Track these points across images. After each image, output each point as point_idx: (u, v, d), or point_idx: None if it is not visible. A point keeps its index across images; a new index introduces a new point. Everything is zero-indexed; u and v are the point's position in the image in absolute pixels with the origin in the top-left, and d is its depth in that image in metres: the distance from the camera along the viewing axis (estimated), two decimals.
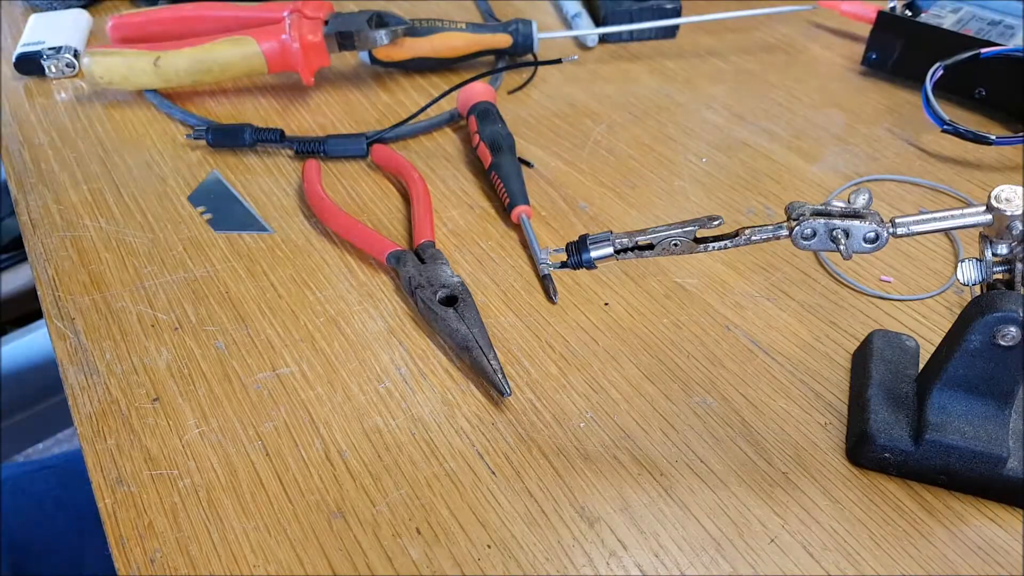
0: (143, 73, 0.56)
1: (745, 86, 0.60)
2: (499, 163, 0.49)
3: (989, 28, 0.56)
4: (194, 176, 0.53)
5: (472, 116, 0.53)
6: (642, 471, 0.36)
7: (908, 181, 0.51)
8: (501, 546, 0.33)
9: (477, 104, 0.53)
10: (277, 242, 0.47)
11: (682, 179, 0.52)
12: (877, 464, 0.35)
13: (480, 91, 0.54)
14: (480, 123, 0.52)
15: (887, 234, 0.32)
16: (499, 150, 0.50)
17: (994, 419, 0.33)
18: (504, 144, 0.50)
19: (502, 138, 0.50)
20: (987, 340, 0.31)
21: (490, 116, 0.52)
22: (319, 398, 0.39)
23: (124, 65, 0.56)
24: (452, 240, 0.47)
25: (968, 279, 0.32)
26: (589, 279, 0.45)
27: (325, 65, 0.57)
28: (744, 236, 0.33)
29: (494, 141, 0.50)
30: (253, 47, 0.55)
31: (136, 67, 0.56)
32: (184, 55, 0.55)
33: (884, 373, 0.37)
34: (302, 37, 0.55)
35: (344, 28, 0.55)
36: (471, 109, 0.53)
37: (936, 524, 0.34)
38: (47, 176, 0.53)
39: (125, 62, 0.56)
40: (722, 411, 0.38)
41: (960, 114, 0.56)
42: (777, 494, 0.35)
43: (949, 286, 0.44)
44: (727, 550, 0.33)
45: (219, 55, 0.55)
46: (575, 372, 0.40)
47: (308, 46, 0.55)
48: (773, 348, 0.41)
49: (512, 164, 0.49)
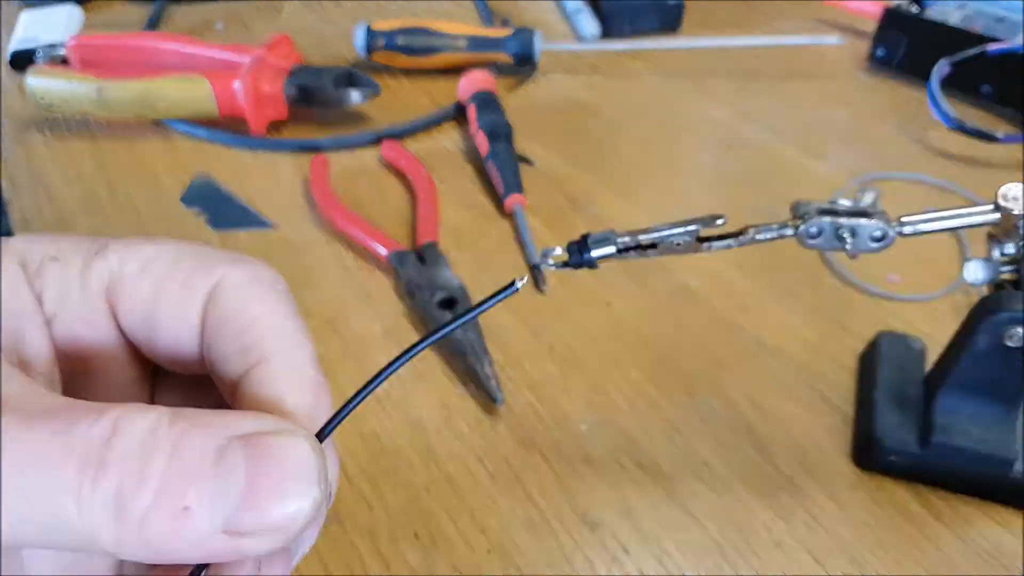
0: (85, 100, 0.52)
1: (750, 83, 0.59)
2: (496, 151, 0.49)
3: (996, 24, 0.55)
4: (187, 174, 0.52)
5: (473, 104, 0.53)
6: (645, 475, 0.35)
7: (914, 179, 0.50)
8: (501, 551, 0.32)
9: (478, 93, 0.53)
10: (273, 241, 0.47)
11: (685, 177, 0.51)
12: (884, 467, 0.35)
13: (481, 80, 0.54)
14: (480, 111, 0.52)
15: (894, 233, 0.31)
16: (496, 139, 0.50)
17: (1002, 421, 0.33)
18: (501, 133, 0.50)
19: (500, 127, 0.51)
20: (994, 341, 0.30)
21: (490, 105, 0.52)
22: None
23: (66, 89, 0.53)
24: (450, 239, 0.47)
25: (975, 279, 0.32)
26: (591, 279, 0.44)
27: (281, 118, 0.54)
28: (749, 235, 0.32)
29: (492, 130, 0.50)
30: (205, 88, 0.52)
31: (78, 93, 0.52)
32: (129, 87, 0.52)
33: (891, 375, 0.36)
34: (256, 85, 0.52)
35: (307, 83, 0.52)
36: (472, 97, 0.53)
37: (943, 528, 0.33)
38: (40, 174, 0.52)
39: (68, 87, 0.53)
40: (726, 413, 0.37)
41: (967, 111, 0.55)
42: (782, 498, 0.34)
43: (956, 286, 0.43)
44: (731, 555, 0.32)
45: (167, 92, 0.52)
46: (576, 374, 0.39)
47: (260, 97, 0.52)
48: (778, 349, 0.40)
49: (508, 153, 0.49)
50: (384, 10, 0.69)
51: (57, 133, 0.56)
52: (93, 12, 0.69)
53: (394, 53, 0.59)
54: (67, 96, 0.53)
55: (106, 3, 0.71)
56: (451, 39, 0.58)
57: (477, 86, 0.54)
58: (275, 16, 0.69)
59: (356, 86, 0.53)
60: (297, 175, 0.52)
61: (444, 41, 0.58)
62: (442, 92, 0.58)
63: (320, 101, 0.53)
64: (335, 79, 0.53)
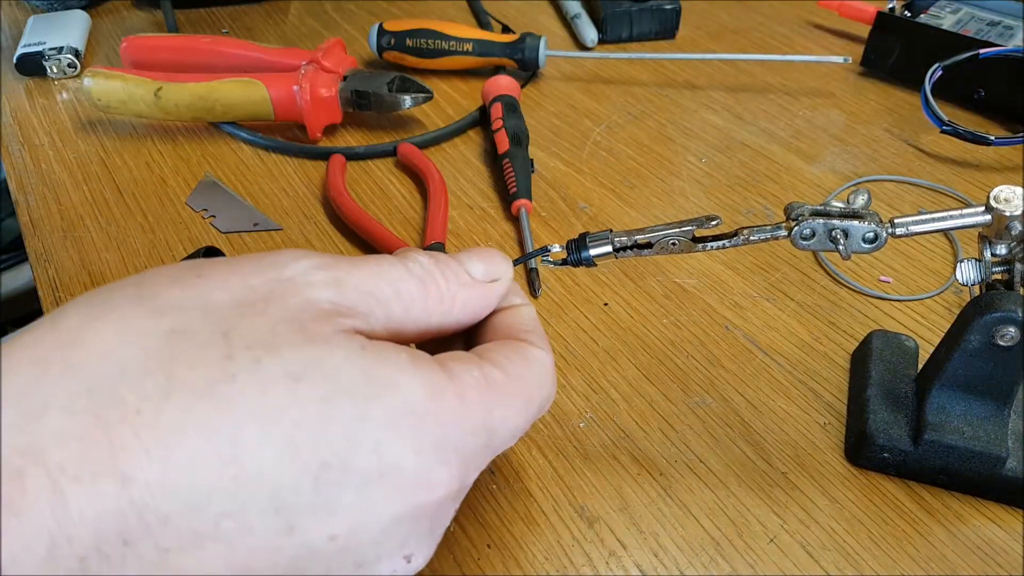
0: (142, 102, 0.53)
1: (744, 86, 0.60)
2: (515, 154, 0.50)
3: (988, 29, 0.56)
4: (194, 176, 0.53)
5: (498, 103, 0.54)
6: (641, 471, 0.36)
7: (907, 181, 0.51)
8: (500, 546, 0.33)
9: (503, 95, 0.55)
10: (278, 243, 0.48)
11: (681, 179, 0.52)
12: (876, 464, 0.35)
13: (506, 84, 0.56)
14: (506, 112, 0.53)
15: (886, 234, 0.32)
16: (518, 142, 0.51)
17: (993, 419, 0.33)
18: (523, 138, 0.52)
19: (523, 133, 0.52)
20: (986, 340, 0.31)
21: (515, 110, 0.54)
22: None
23: (124, 91, 0.53)
24: (452, 240, 0.47)
25: (967, 279, 0.32)
26: (588, 279, 0.45)
27: (336, 122, 0.55)
28: (743, 236, 0.33)
29: (516, 133, 0.52)
30: (261, 92, 0.52)
31: (136, 95, 0.53)
32: (187, 89, 0.52)
33: (883, 373, 0.37)
34: (314, 90, 0.52)
35: (361, 87, 0.53)
36: (497, 98, 0.54)
37: (935, 524, 0.34)
38: (47, 176, 0.53)
39: (125, 88, 0.53)
40: (721, 411, 0.38)
41: (959, 115, 0.56)
42: (776, 494, 0.35)
43: (948, 287, 0.44)
44: (726, 550, 0.33)
45: (224, 95, 0.53)
46: (574, 372, 0.40)
47: (318, 100, 0.53)
48: (772, 348, 0.41)
49: (525, 159, 0.50)
50: (387, 13, 0.70)
51: (64, 135, 0.57)
52: (99, 17, 0.70)
53: (403, 54, 0.60)
54: (124, 98, 0.53)
55: (112, 9, 0.72)
56: (458, 42, 0.59)
57: (502, 90, 0.55)
58: (280, 20, 0.69)
59: (408, 91, 0.54)
60: (303, 176, 0.52)
61: (451, 44, 0.59)
62: (444, 94, 0.59)
63: (374, 105, 0.54)
64: (389, 84, 0.54)
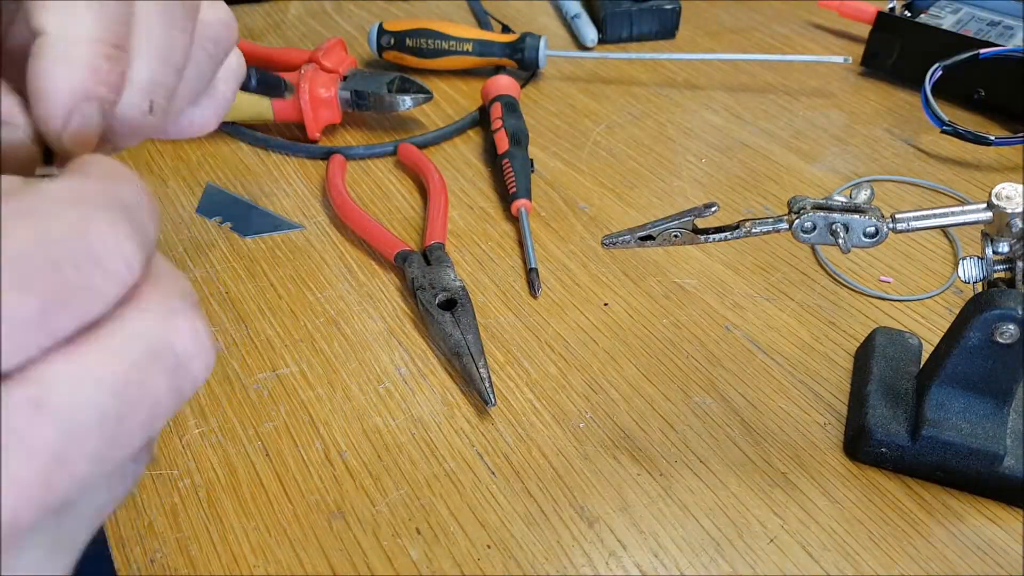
0: None
1: (744, 86, 0.60)
2: (514, 154, 0.50)
3: (988, 29, 0.56)
4: (194, 177, 0.53)
5: (498, 103, 0.54)
6: (641, 471, 0.36)
7: (907, 181, 0.51)
8: (501, 546, 0.33)
9: (502, 95, 0.55)
10: (277, 242, 0.48)
11: (681, 179, 0.52)
12: (874, 459, 0.35)
13: (506, 84, 0.56)
14: (505, 112, 0.53)
15: (887, 229, 0.32)
16: (517, 142, 0.51)
17: (992, 417, 0.33)
18: (523, 138, 0.52)
19: (522, 133, 0.52)
20: (986, 337, 0.31)
21: (515, 110, 0.54)
22: (319, 398, 0.39)
23: None
24: (452, 240, 0.47)
25: (969, 277, 0.32)
26: (588, 279, 0.45)
27: (335, 122, 0.54)
28: (745, 228, 0.33)
29: (515, 133, 0.52)
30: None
31: None
32: None
33: (885, 369, 0.37)
34: (313, 90, 0.52)
35: (361, 87, 0.53)
36: (497, 97, 0.54)
37: (935, 523, 0.34)
38: None
39: None
40: (721, 411, 0.38)
41: (959, 115, 0.56)
42: (776, 494, 0.35)
43: (948, 286, 0.44)
44: (726, 550, 0.33)
45: None
46: (574, 372, 0.40)
47: (318, 101, 0.53)
48: (772, 348, 0.41)
49: (524, 159, 0.50)
50: (386, 12, 0.70)
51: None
52: None
53: (403, 54, 0.60)
54: None
55: None
56: (458, 42, 0.59)
57: (502, 90, 0.55)
58: (280, 21, 0.70)
59: (408, 92, 0.53)
60: (303, 176, 0.53)
61: (451, 44, 0.59)
62: (443, 94, 0.59)
63: (373, 106, 0.54)
64: (388, 84, 0.53)
